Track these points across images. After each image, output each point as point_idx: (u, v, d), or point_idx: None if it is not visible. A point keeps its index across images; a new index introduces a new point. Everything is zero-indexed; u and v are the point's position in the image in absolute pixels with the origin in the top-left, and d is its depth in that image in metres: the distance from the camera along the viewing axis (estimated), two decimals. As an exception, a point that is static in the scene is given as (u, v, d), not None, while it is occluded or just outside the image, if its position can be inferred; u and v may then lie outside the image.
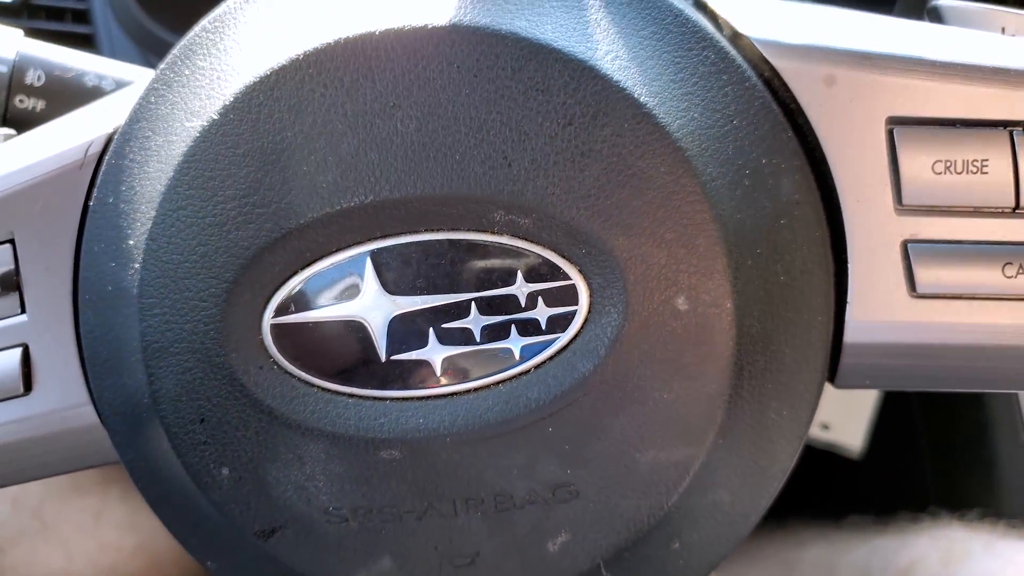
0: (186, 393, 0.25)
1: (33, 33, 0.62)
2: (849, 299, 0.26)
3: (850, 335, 0.27)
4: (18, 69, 0.34)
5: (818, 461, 0.75)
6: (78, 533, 0.59)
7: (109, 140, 0.28)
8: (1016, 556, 0.55)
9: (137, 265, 0.26)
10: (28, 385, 0.28)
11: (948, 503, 0.64)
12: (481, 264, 0.24)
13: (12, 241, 0.27)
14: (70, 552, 0.59)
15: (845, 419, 0.74)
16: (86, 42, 0.62)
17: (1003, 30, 0.31)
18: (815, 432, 0.74)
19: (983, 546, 0.56)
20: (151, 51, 0.59)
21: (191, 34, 0.27)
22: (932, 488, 0.76)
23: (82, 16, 0.62)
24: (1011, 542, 0.56)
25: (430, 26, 0.24)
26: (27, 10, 0.62)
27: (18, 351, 0.28)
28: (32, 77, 0.34)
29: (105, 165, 0.27)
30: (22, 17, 0.62)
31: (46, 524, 0.59)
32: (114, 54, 0.61)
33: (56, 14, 0.63)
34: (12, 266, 0.28)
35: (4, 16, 0.62)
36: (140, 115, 0.27)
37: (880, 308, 0.26)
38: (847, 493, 0.80)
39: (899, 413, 0.76)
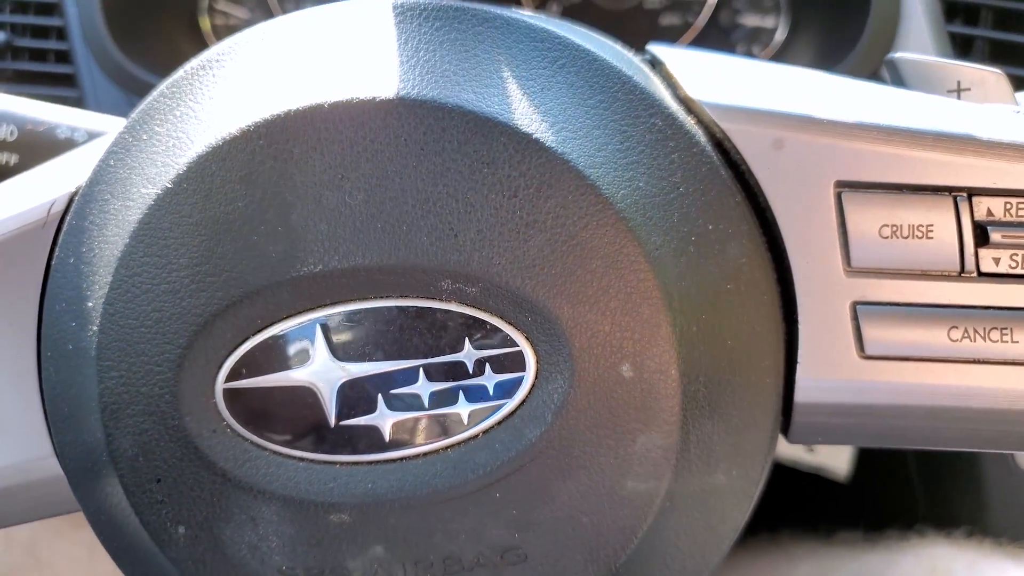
0: (143, 453, 0.26)
1: (17, 74, 0.63)
2: (799, 359, 0.27)
3: (800, 395, 0.27)
4: None
5: (809, 478, 0.76)
6: (72, 568, 0.59)
7: (71, 199, 0.28)
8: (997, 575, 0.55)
9: (95, 327, 0.26)
10: None
11: (937, 521, 0.65)
12: (429, 331, 0.25)
13: None
14: (65, 587, 0.60)
15: (830, 443, 0.75)
16: (68, 82, 0.63)
17: (958, 84, 0.31)
18: (802, 455, 0.75)
19: (965, 566, 0.56)
20: (131, 91, 0.60)
21: (149, 99, 0.28)
22: (921, 505, 0.76)
23: (64, 56, 0.63)
24: (994, 562, 0.56)
25: (377, 99, 0.24)
26: (10, 51, 0.63)
27: None
28: (4, 132, 0.34)
29: (66, 225, 0.28)
30: (6, 58, 0.63)
31: (40, 560, 0.59)
32: (95, 94, 0.61)
33: (39, 55, 0.64)
34: None
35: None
36: (100, 177, 0.27)
37: (829, 369, 0.27)
38: (838, 510, 0.80)
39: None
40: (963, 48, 0.59)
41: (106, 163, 0.27)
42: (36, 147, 0.34)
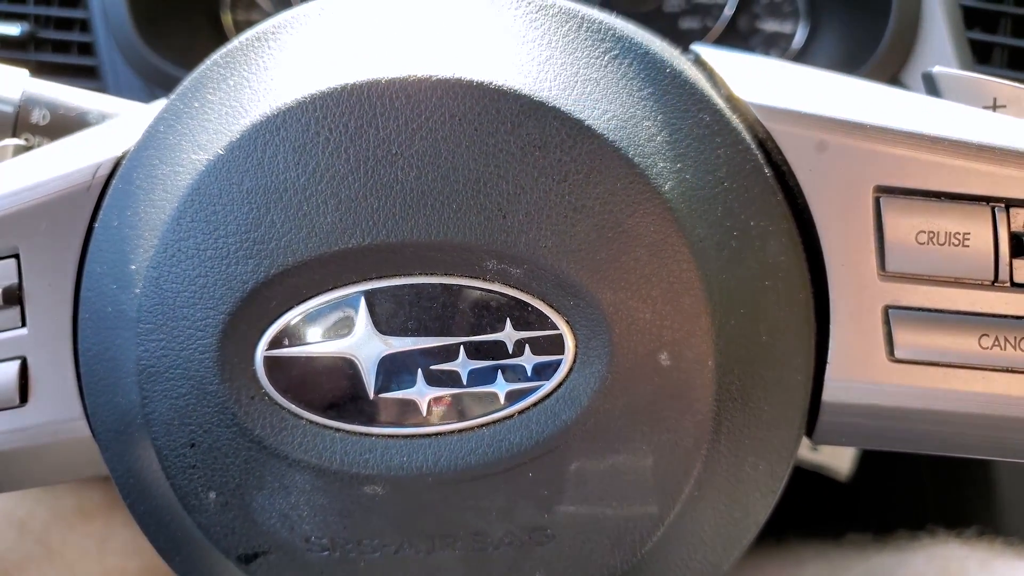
0: (178, 417, 0.26)
1: (40, 65, 0.63)
2: (829, 359, 0.27)
3: (828, 394, 0.27)
4: (24, 108, 0.35)
5: (817, 479, 0.75)
6: (83, 559, 0.59)
7: (117, 164, 0.28)
8: (1010, 574, 0.54)
9: (137, 290, 0.26)
10: (24, 396, 0.28)
11: (947, 521, 0.64)
12: (471, 309, 0.25)
13: (17, 256, 0.28)
14: (75, 577, 0.59)
15: (833, 441, 0.74)
16: (91, 74, 0.63)
17: (995, 100, 0.32)
18: (804, 453, 0.74)
19: (979, 564, 0.56)
20: (154, 83, 0.60)
21: (203, 67, 0.28)
22: (931, 506, 0.76)
23: (87, 48, 0.63)
24: (1007, 560, 0.56)
25: (434, 78, 0.25)
26: (34, 43, 0.63)
27: (16, 363, 0.28)
28: (37, 116, 0.35)
29: (112, 189, 0.28)
30: (29, 50, 0.63)
31: (51, 550, 0.59)
32: (118, 86, 0.62)
33: (62, 47, 0.64)
34: (15, 280, 0.28)
35: (11, 49, 0.63)
36: (149, 143, 0.27)
37: (859, 370, 0.27)
38: (846, 511, 0.79)
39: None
40: (982, 55, 0.59)
41: (155, 128, 0.28)
42: (68, 132, 0.34)
